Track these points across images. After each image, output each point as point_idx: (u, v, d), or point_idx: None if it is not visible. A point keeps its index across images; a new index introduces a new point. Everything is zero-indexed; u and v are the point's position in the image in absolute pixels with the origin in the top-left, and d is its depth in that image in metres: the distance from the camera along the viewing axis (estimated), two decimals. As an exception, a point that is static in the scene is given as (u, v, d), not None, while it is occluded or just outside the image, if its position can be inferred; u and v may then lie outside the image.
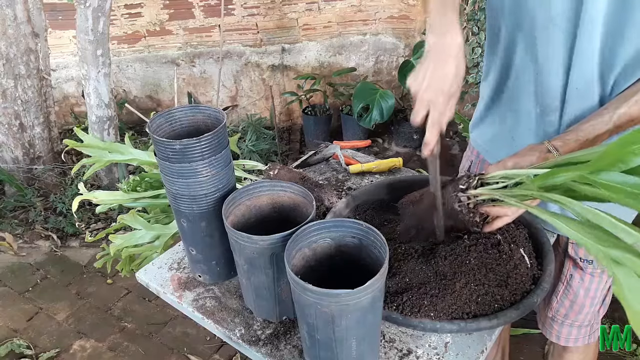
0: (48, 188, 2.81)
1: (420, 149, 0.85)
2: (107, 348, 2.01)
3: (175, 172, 0.84)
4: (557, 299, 1.17)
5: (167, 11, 3.18)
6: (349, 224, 0.78)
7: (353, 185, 1.30)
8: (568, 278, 1.13)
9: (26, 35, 2.55)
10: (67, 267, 2.45)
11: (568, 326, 1.20)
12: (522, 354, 1.86)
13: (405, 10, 3.13)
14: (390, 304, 0.85)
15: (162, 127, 0.89)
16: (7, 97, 2.59)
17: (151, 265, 1.09)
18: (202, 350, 1.98)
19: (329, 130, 3.34)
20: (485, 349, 0.84)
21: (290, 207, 0.90)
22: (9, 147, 2.72)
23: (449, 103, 0.79)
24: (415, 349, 0.84)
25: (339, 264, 0.80)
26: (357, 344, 0.73)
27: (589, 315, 1.17)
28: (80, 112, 3.44)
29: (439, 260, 0.90)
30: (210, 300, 0.97)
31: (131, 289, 2.30)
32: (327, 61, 3.36)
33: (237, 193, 0.87)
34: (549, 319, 1.22)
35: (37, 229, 2.65)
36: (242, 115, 3.50)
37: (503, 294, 0.85)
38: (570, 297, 1.14)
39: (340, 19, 3.22)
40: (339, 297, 0.65)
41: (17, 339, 2.03)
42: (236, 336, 0.89)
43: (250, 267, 0.83)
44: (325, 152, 1.39)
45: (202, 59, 3.34)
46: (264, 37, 3.28)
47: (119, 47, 3.29)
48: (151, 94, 3.49)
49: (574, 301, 1.15)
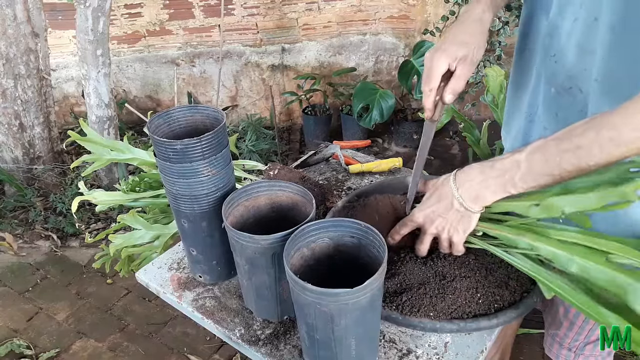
0: (48, 188, 2.81)
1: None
2: (107, 348, 2.01)
3: (175, 172, 0.84)
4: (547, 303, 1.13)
5: (167, 11, 3.18)
6: (348, 223, 0.78)
7: (353, 185, 1.30)
8: None
9: (26, 35, 2.55)
10: (67, 267, 2.45)
11: (550, 337, 1.15)
12: (522, 354, 1.86)
13: (405, 10, 3.13)
14: (390, 304, 0.85)
15: (160, 128, 0.89)
16: (7, 97, 2.59)
17: (151, 265, 1.09)
18: (202, 350, 1.98)
19: (329, 130, 3.34)
20: (485, 348, 0.84)
21: (289, 206, 0.90)
22: (9, 147, 2.72)
23: None
24: (415, 349, 0.84)
25: (338, 264, 0.80)
26: (356, 344, 0.73)
27: (568, 339, 1.09)
28: (80, 112, 3.44)
29: (438, 260, 0.90)
30: (210, 300, 0.97)
31: (131, 289, 2.30)
32: (327, 61, 3.36)
33: (235, 194, 0.87)
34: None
35: (37, 229, 2.65)
36: (242, 115, 3.50)
37: (503, 294, 0.85)
38: (553, 308, 1.11)
39: (340, 19, 3.22)
40: (338, 297, 0.65)
41: (17, 339, 2.03)
42: (236, 336, 0.89)
43: (252, 267, 0.83)
44: (325, 152, 1.39)
45: (202, 59, 3.35)
46: (264, 37, 3.28)
47: (119, 47, 3.29)
48: (151, 94, 3.49)
49: (554, 316, 1.11)
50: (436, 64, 0.85)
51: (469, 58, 0.85)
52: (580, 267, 0.70)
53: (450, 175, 0.81)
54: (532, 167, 0.71)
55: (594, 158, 0.65)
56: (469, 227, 0.82)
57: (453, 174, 0.81)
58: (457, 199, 0.79)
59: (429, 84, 0.86)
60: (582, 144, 0.65)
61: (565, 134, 0.68)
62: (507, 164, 0.74)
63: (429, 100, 0.87)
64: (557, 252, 0.73)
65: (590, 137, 0.65)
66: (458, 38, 0.86)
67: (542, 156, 0.70)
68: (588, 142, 0.65)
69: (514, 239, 0.79)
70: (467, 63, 0.85)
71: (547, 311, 1.14)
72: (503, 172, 0.74)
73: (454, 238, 0.83)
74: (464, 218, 0.80)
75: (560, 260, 0.72)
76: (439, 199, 0.82)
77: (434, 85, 0.85)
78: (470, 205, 0.78)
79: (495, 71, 2.15)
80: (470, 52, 0.85)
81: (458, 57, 0.85)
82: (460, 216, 0.80)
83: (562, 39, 0.85)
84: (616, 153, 0.63)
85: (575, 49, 0.83)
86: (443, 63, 0.84)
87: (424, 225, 0.85)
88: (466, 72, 0.86)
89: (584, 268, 0.70)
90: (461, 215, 0.80)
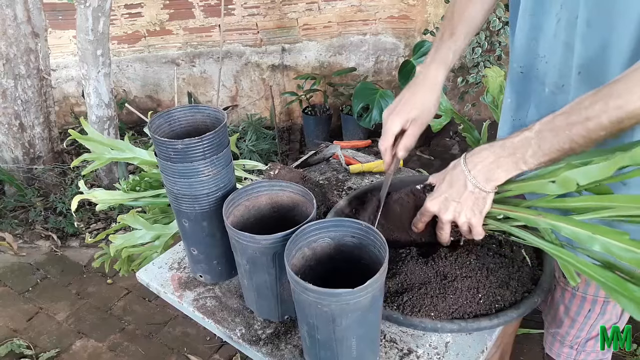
0: (48, 188, 2.81)
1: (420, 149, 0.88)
2: (107, 348, 2.01)
3: (176, 172, 0.84)
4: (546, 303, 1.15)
5: (167, 11, 3.18)
6: (349, 223, 0.78)
7: (353, 185, 1.30)
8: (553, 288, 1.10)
9: (26, 35, 2.55)
10: (67, 267, 2.45)
11: (551, 336, 1.16)
12: (522, 354, 1.86)
13: (405, 10, 3.13)
14: (391, 304, 0.85)
15: (161, 128, 0.89)
16: (7, 97, 2.59)
17: (151, 265, 1.09)
18: (202, 350, 1.98)
19: (329, 130, 3.34)
20: (485, 348, 0.84)
21: (290, 206, 0.90)
22: (9, 147, 2.72)
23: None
24: (415, 349, 0.84)
25: (339, 264, 0.80)
26: (357, 344, 0.73)
27: (570, 336, 1.10)
28: (80, 112, 3.44)
29: (439, 260, 0.90)
30: (210, 300, 0.97)
31: (131, 289, 2.30)
32: (327, 61, 3.36)
33: (236, 194, 0.87)
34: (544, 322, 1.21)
35: (37, 229, 2.65)
36: (242, 115, 3.50)
37: (504, 294, 0.86)
38: (553, 307, 1.11)
39: (340, 19, 3.22)
40: (339, 297, 0.65)
41: (17, 339, 2.03)
42: (237, 336, 0.89)
43: (253, 267, 0.83)
44: (326, 152, 1.39)
45: (202, 58, 3.35)
46: (264, 37, 3.28)
47: (119, 47, 3.29)
48: (151, 94, 3.49)
49: (554, 315, 1.11)
50: (390, 126, 0.95)
51: (419, 120, 0.95)
52: (602, 246, 0.69)
53: (460, 159, 0.82)
54: (543, 142, 0.72)
55: (604, 128, 0.66)
56: (485, 208, 0.81)
57: (463, 158, 0.81)
58: (470, 181, 0.79)
59: (384, 144, 0.96)
60: (590, 115, 0.67)
61: (573, 108, 0.69)
62: (517, 142, 0.75)
63: (386, 157, 0.98)
64: (579, 231, 0.72)
65: (598, 108, 0.66)
66: (411, 100, 0.96)
67: (551, 131, 0.71)
68: (596, 113, 0.66)
69: (535, 220, 0.77)
70: (418, 124, 0.95)
71: (547, 311, 1.15)
72: (514, 150, 0.75)
73: (472, 220, 0.82)
74: (479, 199, 0.80)
75: (582, 239, 0.71)
76: (450, 184, 0.82)
77: (388, 144, 0.96)
78: (484, 186, 0.78)
79: (495, 71, 2.15)
80: (421, 114, 0.95)
81: (410, 119, 0.94)
82: (475, 198, 0.80)
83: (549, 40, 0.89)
84: (627, 121, 0.65)
85: (562, 47, 0.86)
86: (397, 124, 0.95)
87: (439, 213, 0.85)
88: (416, 131, 0.96)
89: (607, 246, 0.68)
90: (475, 197, 0.80)
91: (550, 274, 0.90)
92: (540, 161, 0.73)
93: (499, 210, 0.83)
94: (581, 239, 0.72)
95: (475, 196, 0.80)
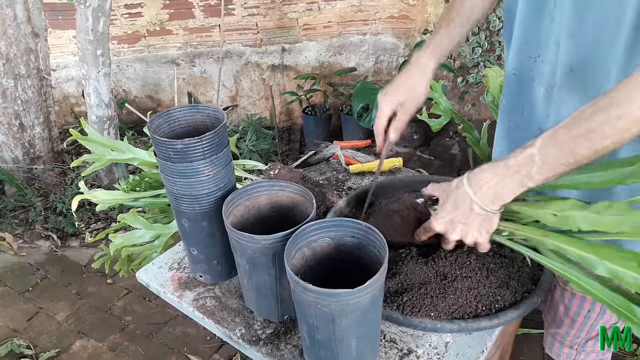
0: (48, 188, 2.81)
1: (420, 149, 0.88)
2: (107, 348, 2.01)
3: (176, 172, 0.84)
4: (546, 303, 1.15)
5: (167, 11, 3.18)
6: (349, 223, 0.78)
7: (353, 185, 1.30)
8: (553, 287, 1.10)
9: (26, 35, 2.55)
10: (67, 267, 2.45)
11: (550, 336, 1.16)
12: (522, 354, 1.86)
13: (405, 10, 3.13)
14: (391, 304, 0.85)
15: (161, 128, 0.89)
16: (7, 97, 2.59)
17: (151, 265, 1.09)
18: (202, 350, 1.98)
19: (329, 130, 3.34)
20: (485, 348, 0.84)
21: (289, 206, 0.90)
22: (9, 147, 2.72)
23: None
24: (415, 349, 0.84)
25: (339, 264, 0.80)
26: (357, 344, 0.73)
27: (569, 336, 1.10)
28: (80, 112, 3.44)
29: (439, 260, 0.90)
30: (210, 300, 0.97)
31: (131, 289, 2.30)
32: (327, 61, 3.36)
33: (236, 194, 0.87)
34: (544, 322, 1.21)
35: (37, 229, 2.65)
36: (242, 115, 3.50)
37: (504, 294, 0.86)
38: (553, 307, 1.11)
39: (340, 19, 3.22)
40: (339, 297, 0.65)
41: (17, 339, 2.03)
42: (237, 336, 0.89)
43: (252, 267, 0.83)
44: (326, 152, 1.39)
45: (202, 58, 3.35)
46: (264, 37, 3.28)
47: (119, 47, 3.29)
48: (151, 94, 3.49)
49: (554, 315, 1.11)
50: (381, 109, 1.01)
51: (408, 103, 1.00)
52: (609, 271, 0.68)
53: (463, 179, 0.81)
54: (547, 158, 0.71)
55: (608, 138, 0.65)
56: (492, 228, 0.81)
57: (466, 178, 0.80)
58: (476, 203, 0.78)
59: (377, 126, 1.03)
60: (592, 127, 0.66)
61: (573, 120, 0.68)
62: (521, 160, 0.74)
63: (378, 138, 1.04)
64: (585, 255, 0.71)
65: (599, 119, 0.65)
66: (403, 85, 1.01)
67: (555, 146, 0.70)
68: (599, 124, 0.65)
69: (541, 240, 0.78)
70: (407, 108, 1.00)
71: (547, 311, 1.15)
72: (518, 168, 0.74)
73: (479, 239, 0.82)
74: (485, 220, 0.80)
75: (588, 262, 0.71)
76: (456, 206, 0.81)
77: (381, 126, 1.02)
78: (490, 207, 0.78)
79: (495, 71, 2.15)
80: (410, 98, 1.00)
81: (399, 102, 1.00)
82: (482, 219, 0.80)
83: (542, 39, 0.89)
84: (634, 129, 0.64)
85: (554, 46, 0.87)
86: (388, 108, 1.00)
87: (445, 233, 0.85)
88: (406, 114, 1.01)
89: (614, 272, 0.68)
90: (482, 219, 0.80)
91: (550, 274, 0.90)
92: (545, 177, 0.72)
93: (505, 228, 0.83)
94: (587, 262, 0.71)
95: (482, 217, 0.80)
